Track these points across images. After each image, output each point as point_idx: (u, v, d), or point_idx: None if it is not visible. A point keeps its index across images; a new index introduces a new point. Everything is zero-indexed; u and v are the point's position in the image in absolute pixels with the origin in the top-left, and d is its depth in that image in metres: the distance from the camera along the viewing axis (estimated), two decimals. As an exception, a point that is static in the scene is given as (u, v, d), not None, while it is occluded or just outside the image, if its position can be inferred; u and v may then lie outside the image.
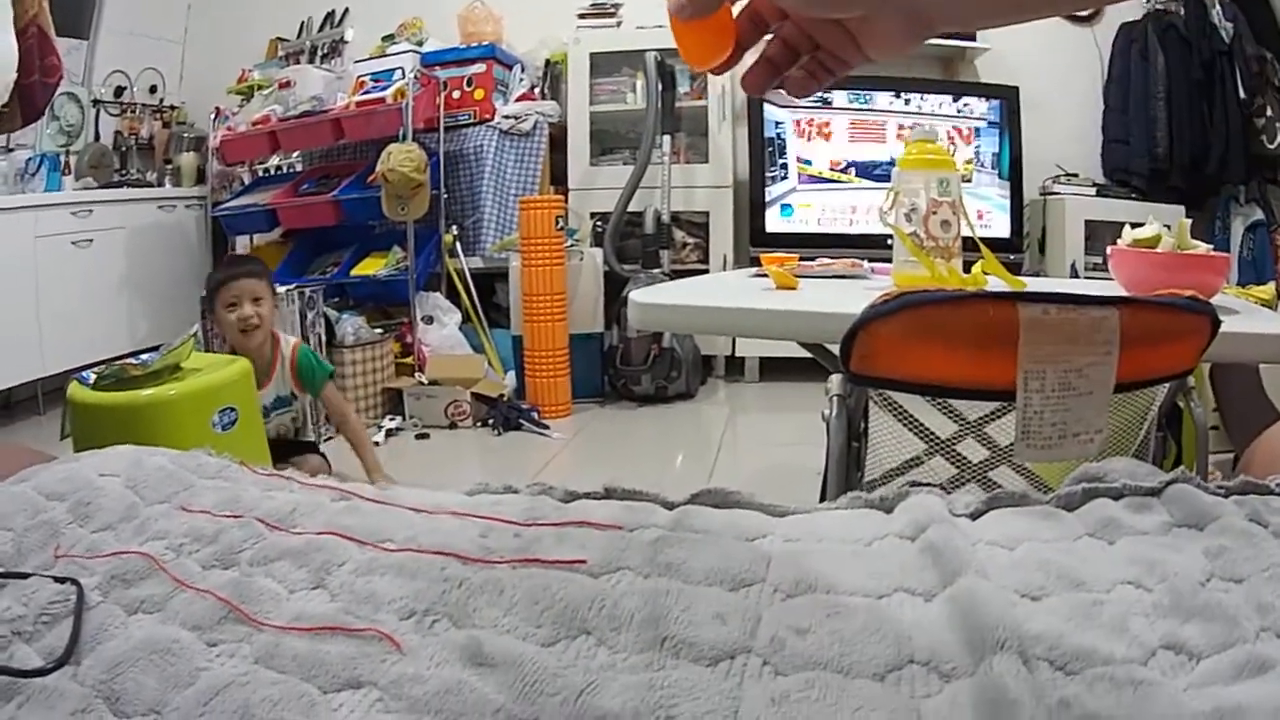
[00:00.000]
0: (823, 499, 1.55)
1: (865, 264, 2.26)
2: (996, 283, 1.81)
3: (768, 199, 4.98)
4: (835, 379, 1.41)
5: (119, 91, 5.81)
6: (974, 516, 0.73)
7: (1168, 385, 1.50)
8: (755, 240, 4.90)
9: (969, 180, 4.83)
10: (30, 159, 4.93)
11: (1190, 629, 0.55)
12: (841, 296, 1.62)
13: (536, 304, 4.41)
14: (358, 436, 3.31)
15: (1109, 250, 1.93)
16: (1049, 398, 1.19)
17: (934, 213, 1.79)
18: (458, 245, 4.85)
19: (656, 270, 4.78)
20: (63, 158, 5.20)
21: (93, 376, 2.54)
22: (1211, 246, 1.83)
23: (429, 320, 4.73)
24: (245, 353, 3.00)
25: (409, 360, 4.61)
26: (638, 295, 1.81)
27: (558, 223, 4.41)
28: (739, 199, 5.18)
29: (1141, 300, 1.34)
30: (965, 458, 1.53)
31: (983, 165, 4.99)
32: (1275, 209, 4.98)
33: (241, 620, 0.63)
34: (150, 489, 0.75)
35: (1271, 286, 3.98)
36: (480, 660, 0.59)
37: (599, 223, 5.01)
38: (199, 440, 2.45)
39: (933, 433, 1.50)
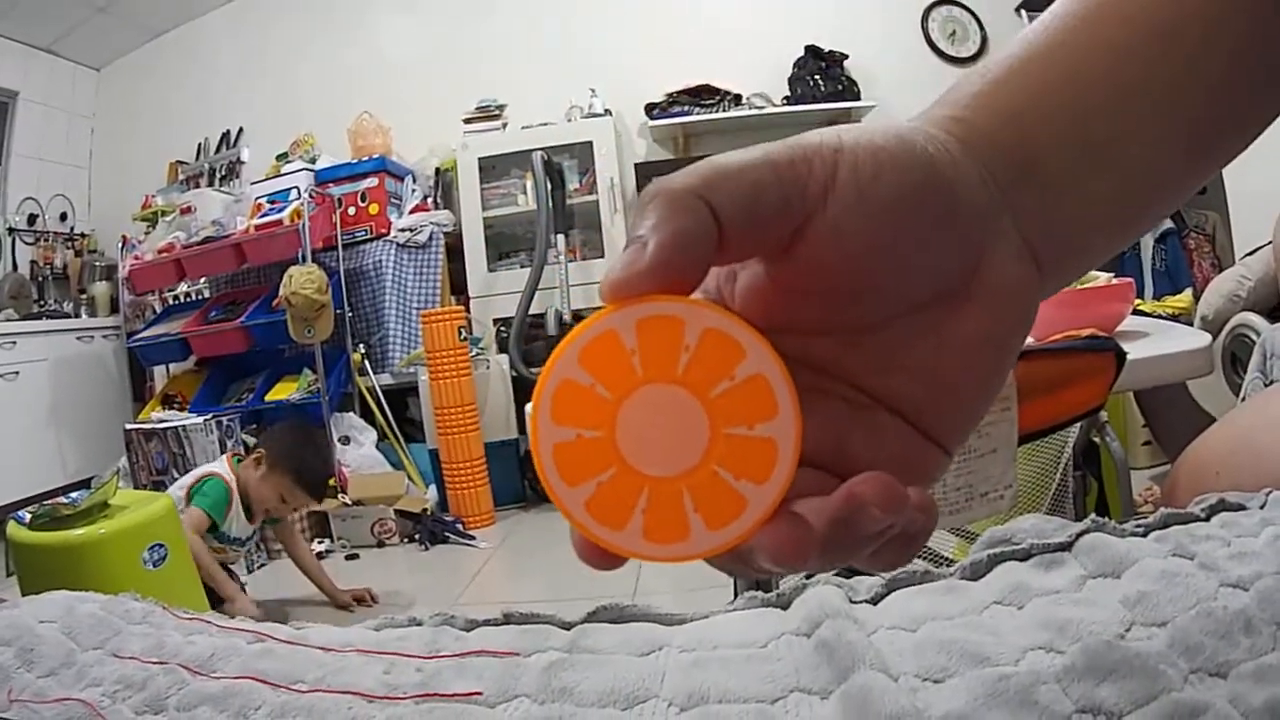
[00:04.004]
0: (736, 590, 1.52)
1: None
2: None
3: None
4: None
5: (32, 219, 5.76)
6: (875, 600, 0.71)
7: (1079, 425, 1.49)
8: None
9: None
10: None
11: (1108, 688, 0.52)
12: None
13: (448, 416, 4.37)
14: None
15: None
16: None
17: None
18: (366, 363, 4.81)
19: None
20: (-18, 289, 5.13)
21: (28, 516, 2.68)
22: (1112, 275, 1.83)
23: (346, 440, 4.67)
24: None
25: (331, 482, 4.53)
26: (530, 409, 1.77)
27: (460, 334, 4.39)
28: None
29: (1037, 350, 1.34)
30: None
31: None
32: (1185, 214, 5.02)
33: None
34: (84, 635, 0.76)
35: (1188, 294, 4.04)
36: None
37: (502, 328, 4.99)
38: (131, 576, 2.54)
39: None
